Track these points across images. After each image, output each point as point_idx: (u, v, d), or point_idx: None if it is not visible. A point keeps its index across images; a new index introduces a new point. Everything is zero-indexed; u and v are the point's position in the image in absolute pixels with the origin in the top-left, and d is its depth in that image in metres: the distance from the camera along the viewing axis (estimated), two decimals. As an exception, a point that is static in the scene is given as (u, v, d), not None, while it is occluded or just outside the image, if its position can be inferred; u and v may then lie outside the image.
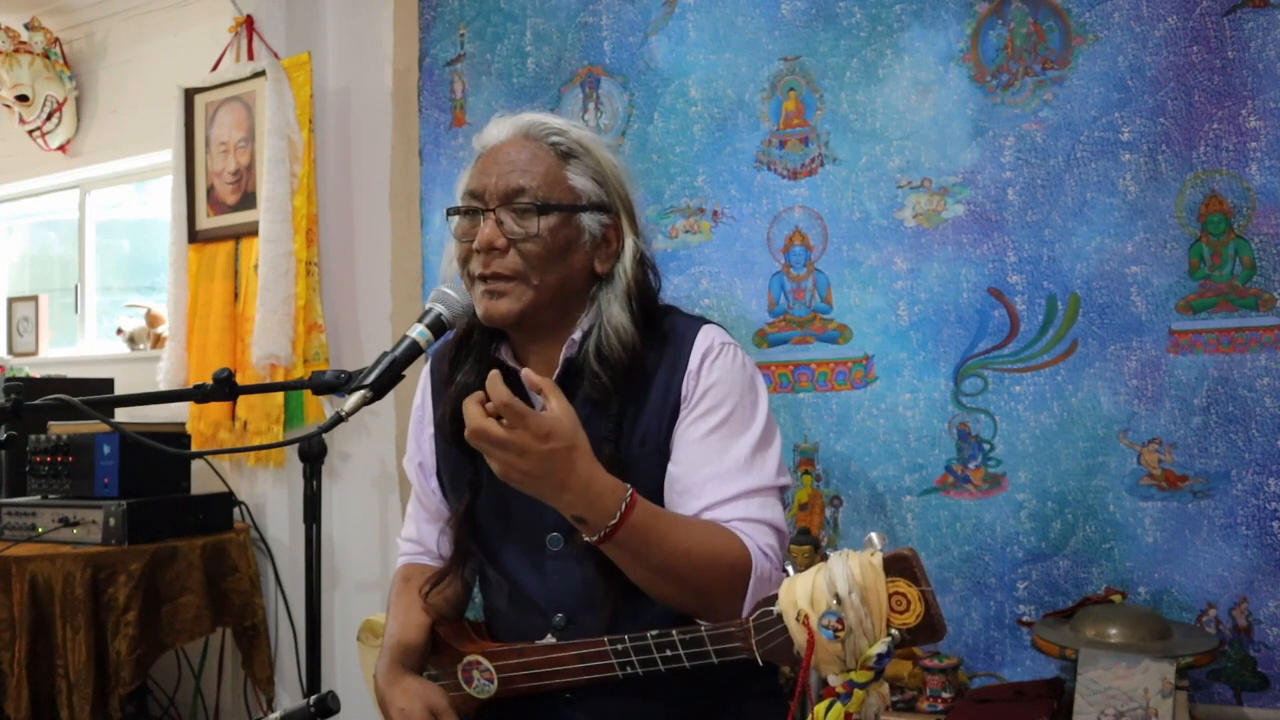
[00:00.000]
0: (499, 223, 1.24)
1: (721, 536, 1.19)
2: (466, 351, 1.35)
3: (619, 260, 1.30)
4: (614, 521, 1.12)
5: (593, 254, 1.29)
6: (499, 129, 1.31)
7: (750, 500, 1.23)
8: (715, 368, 1.27)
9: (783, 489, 1.28)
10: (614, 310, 1.27)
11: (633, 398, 1.27)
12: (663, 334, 1.31)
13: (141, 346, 3.68)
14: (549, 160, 1.27)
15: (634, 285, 1.29)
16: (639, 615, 1.21)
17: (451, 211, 1.31)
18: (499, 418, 1.08)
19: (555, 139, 1.28)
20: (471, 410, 1.08)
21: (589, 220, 1.28)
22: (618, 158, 1.34)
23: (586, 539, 1.15)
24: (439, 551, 1.46)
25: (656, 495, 1.25)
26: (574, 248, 1.27)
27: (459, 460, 1.35)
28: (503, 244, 1.24)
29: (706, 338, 1.29)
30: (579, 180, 1.28)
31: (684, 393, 1.26)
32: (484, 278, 1.25)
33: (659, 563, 1.15)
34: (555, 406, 1.11)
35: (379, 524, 3.06)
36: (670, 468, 1.26)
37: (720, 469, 1.23)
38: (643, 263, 1.31)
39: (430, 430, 1.43)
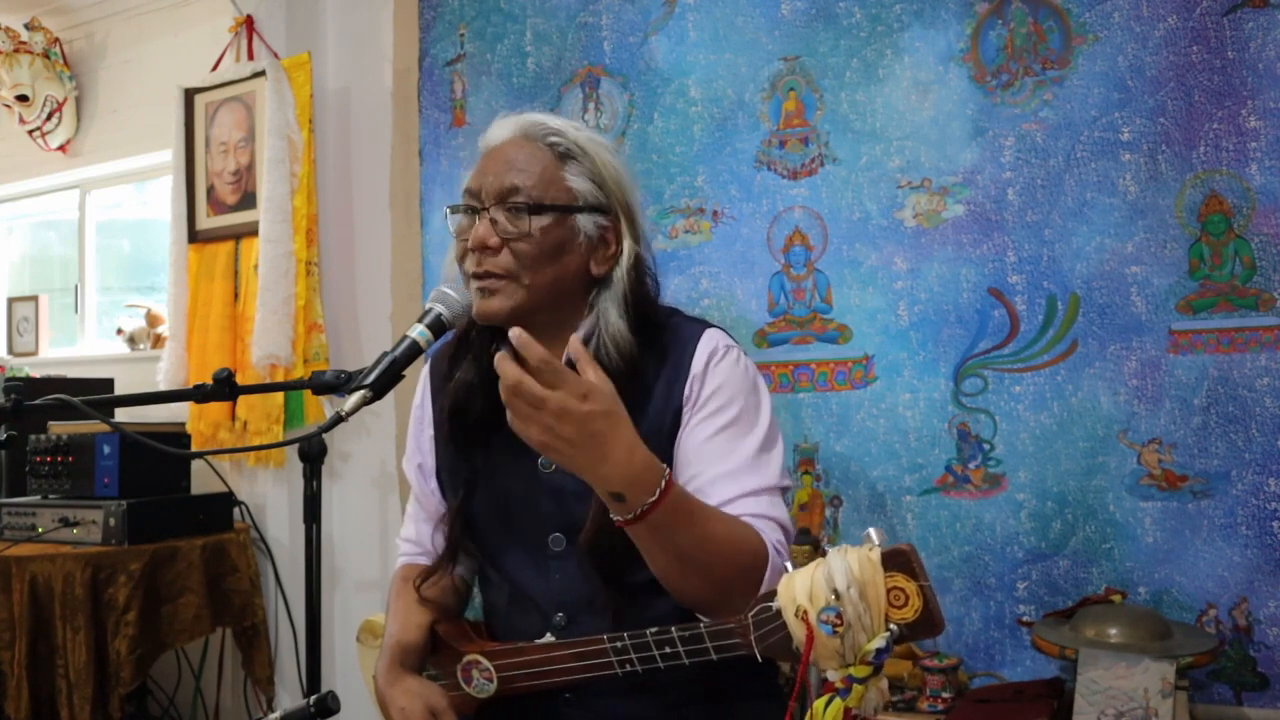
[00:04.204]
0: (493, 221, 1.25)
1: (741, 527, 1.18)
2: (466, 348, 1.35)
3: (617, 264, 1.29)
4: (652, 499, 1.08)
5: (588, 256, 1.28)
6: (500, 129, 1.31)
7: (759, 498, 1.22)
8: (721, 370, 1.27)
9: (785, 489, 1.28)
10: (612, 317, 1.26)
11: (631, 407, 1.26)
12: (664, 339, 1.30)
13: (141, 346, 3.68)
14: (546, 160, 1.27)
15: (631, 292, 1.27)
16: (641, 614, 1.21)
17: (451, 209, 1.32)
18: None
19: (554, 139, 1.28)
20: (506, 368, 1.03)
21: (585, 221, 1.27)
22: (620, 160, 1.33)
23: (616, 517, 1.10)
24: (436, 551, 1.46)
25: None
26: (567, 249, 1.26)
27: (455, 458, 1.35)
28: (495, 243, 1.24)
29: (710, 341, 1.29)
30: (576, 181, 1.27)
31: (687, 393, 1.26)
32: (477, 275, 1.26)
33: (685, 548, 1.12)
34: (593, 374, 1.07)
35: (379, 524, 3.06)
36: (678, 469, 1.25)
37: (729, 467, 1.23)
38: (639, 268, 1.30)
39: (430, 431, 1.43)
